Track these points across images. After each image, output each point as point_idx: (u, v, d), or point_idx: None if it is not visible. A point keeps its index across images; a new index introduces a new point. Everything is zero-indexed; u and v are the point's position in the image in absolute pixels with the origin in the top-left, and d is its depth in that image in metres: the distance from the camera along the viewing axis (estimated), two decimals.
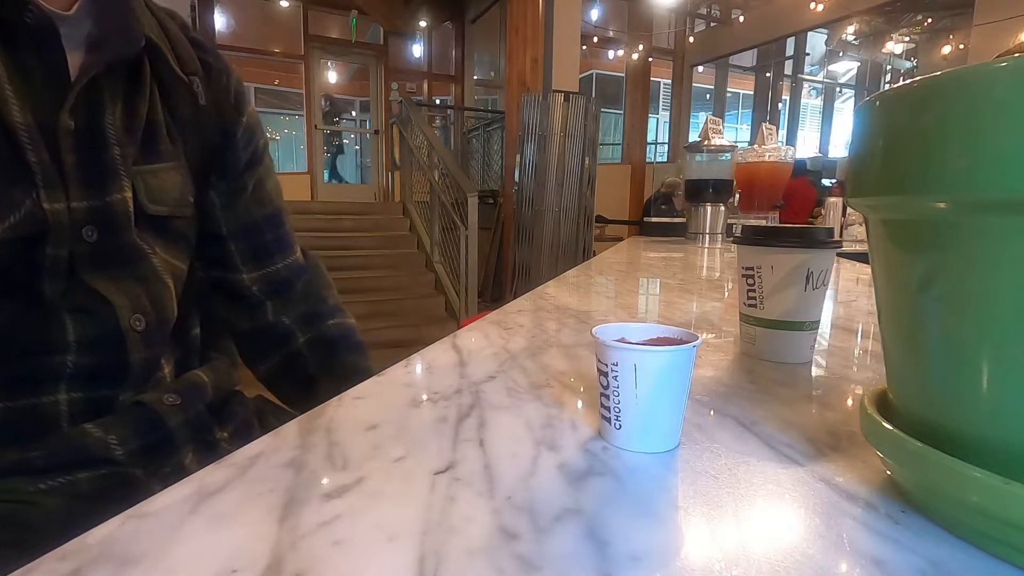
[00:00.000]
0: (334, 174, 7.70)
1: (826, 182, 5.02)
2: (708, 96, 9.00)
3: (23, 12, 0.44)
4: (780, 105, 8.86)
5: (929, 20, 7.08)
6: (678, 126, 8.01)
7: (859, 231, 2.44)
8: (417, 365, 0.58)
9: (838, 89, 9.39)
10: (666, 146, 8.44)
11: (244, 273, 0.68)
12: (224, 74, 0.63)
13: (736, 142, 2.51)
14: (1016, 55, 0.23)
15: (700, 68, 8.28)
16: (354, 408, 0.45)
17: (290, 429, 0.41)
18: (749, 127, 9.50)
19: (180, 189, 0.57)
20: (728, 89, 9.00)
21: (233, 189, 0.65)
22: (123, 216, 0.51)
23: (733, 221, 2.26)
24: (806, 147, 8.58)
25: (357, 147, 8.24)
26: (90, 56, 0.49)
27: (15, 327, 0.47)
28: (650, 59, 7.46)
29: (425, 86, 7.83)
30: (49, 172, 0.46)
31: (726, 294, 1.07)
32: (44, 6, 0.46)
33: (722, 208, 2.26)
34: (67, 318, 0.48)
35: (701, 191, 2.26)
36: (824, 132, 9.15)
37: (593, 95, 5.87)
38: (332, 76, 7.41)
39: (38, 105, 0.46)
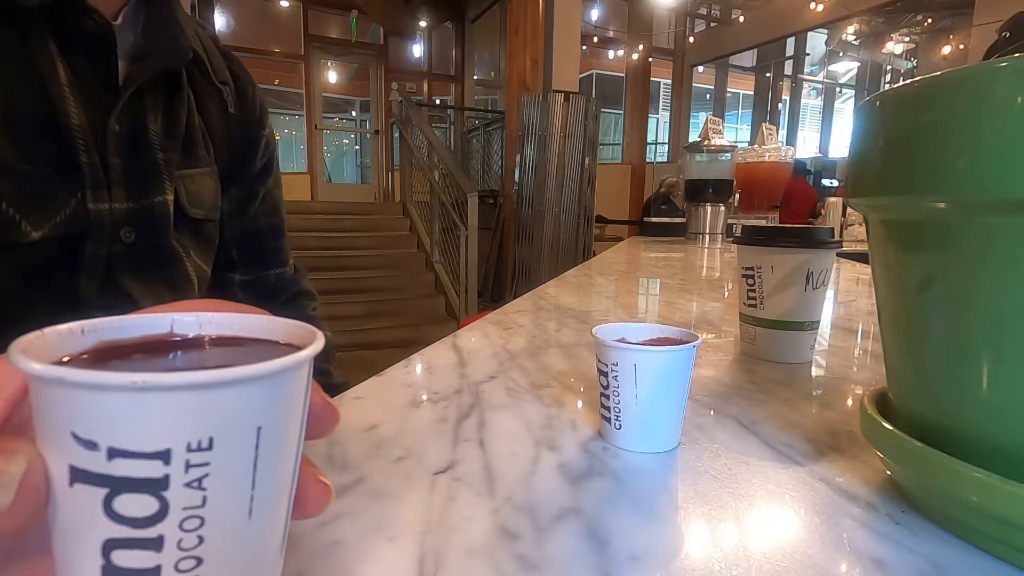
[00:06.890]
0: None
1: (826, 182, 5.01)
2: (708, 96, 8.99)
3: (86, 19, 0.46)
4: (780, 105, 8.85)
5: (929, 20, 7.08)
6: (678, 126, 8.01)
7: (859, 231, 2.44)
8: (417, 365, 0.58)
9: (838, 89, 9.38)
10: (666, 146, 8.43)
11: (237, 275, 0.69)
12: (250, 86, 0.65)
13: (736, 142, 2.52)
14: (1016, 55, 0.23)
15: (700, 68, 8.27)
16: (354, 408, 0.45)
17: None
18: (749, 127, 9.49)
19: (214, 193, 0.60)
20: (728, 89, 8.99)
21: (245, 197, 0.67)
22: (163, 218, 0.52)
23: (733, 221, 2.26)
24: (806, 147, 8.58)
25: (357, 147, 8.23)
26: (135, 65, 0.50)
27: (46, 326, 0.47)
28: (650, 59, 7.46)
29: (425, 86, 7.82)
30: (97, 173, 0.47)
31: (726, 294, 1.07)
32: (105, 15, 0.47)
33: (722, 208, 2.26)
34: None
35: (701, 191, 2.27)
36: (824, 132, 9.14)
37: (593, 95, 5.86)
38: (332, 76, 7.41)
39: (90, 108, 0.47)
